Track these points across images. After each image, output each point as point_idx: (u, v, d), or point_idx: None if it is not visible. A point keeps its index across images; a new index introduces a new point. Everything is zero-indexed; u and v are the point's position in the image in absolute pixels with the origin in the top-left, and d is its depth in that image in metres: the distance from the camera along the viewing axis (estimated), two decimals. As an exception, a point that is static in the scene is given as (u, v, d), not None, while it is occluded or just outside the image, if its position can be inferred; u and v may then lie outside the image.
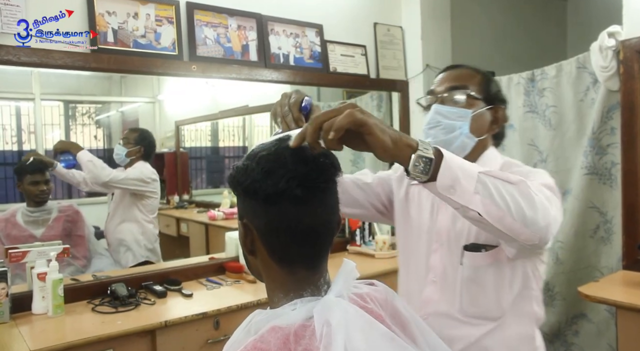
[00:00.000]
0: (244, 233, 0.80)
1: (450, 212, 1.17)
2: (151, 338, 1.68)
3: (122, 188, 2.67)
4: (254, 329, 0.77)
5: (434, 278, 1.20)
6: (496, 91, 1.22)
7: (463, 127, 1.16)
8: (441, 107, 1.19)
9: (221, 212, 3.41)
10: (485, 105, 1.18)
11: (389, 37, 2.89)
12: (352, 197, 1.34)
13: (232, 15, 2.31)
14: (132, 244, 2.72)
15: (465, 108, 1.17)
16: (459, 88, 1.18)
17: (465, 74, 1.22)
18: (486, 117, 1.19)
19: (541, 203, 0.89)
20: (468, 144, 1.17)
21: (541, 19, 3.93)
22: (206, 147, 4.69)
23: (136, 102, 4.33)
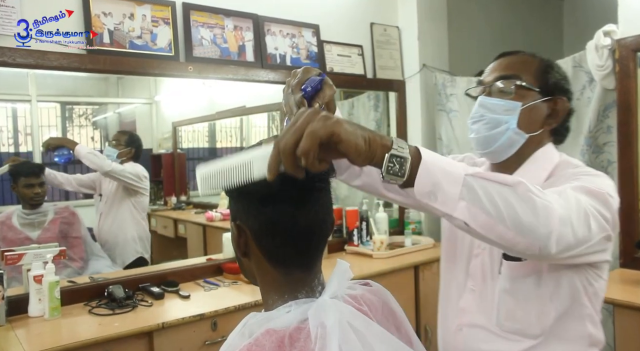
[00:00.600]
0: (237, 234, 0.79)
1: None
2: (148, 340, 1.67)
3: (121, 180, 2.70)
4: (249, 332, 0.76)
5: (472, 286, 1.10)
6: (557, 80, 1.08)
7: (510, 122, 1.04)
8: (487, 99, 1.08)
9: (219, 213, 3.40)
10: (541, 97, 1.06)
11: (385, 37, 2.89)
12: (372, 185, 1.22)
13: (229, 16, 2.30)
14: (128, 242, 2.76)
15: (515, 101, 1.05)
16: (508, 78, 1.06)
17: (518, 61, 1.10)
18: (541, 110, 1.06)
19: (544, 207, 0.75)
20: (516, 141, 1.06)
21: (538, 18, 3.94)
22: (204, 148, 4.68)
23: (133, 103, 4.31)
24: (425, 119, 2.94)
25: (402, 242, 2.69)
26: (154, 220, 3.89)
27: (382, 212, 2.76)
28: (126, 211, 2.77)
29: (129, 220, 2.78)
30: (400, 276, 2.36)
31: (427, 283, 2.46)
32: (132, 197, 2.77)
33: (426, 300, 2.45)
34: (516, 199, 0.74)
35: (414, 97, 2.93)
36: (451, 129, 2.83)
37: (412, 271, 2.43)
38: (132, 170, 2.75)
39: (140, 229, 2.83)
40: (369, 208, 2.79)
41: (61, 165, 2.85)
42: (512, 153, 1.06)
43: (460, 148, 2.75)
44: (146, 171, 2.84)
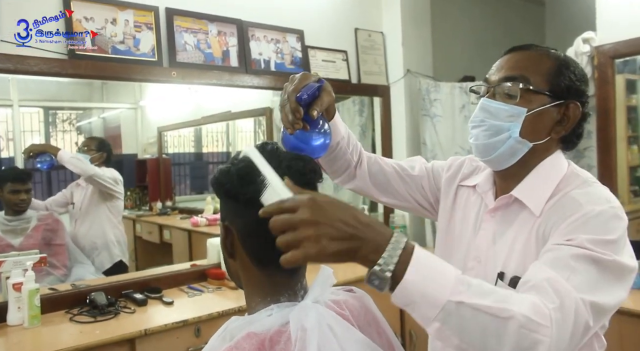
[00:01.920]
0: (224, 235, 0.80)
1: (493, 225, 1.00)
2: (130, 347, 1.66)
3: (102, 184, 2.72)
4: (230, 336, 0.77)
5: None
6: (571, 82, 0.95)
7: (512, 130, 0.94)
8: (489, 102, 0.97)
9: (204, 218, 3.39)
10: (551, 101, 0.94)
11: (370, 43, 2.91)
12: (393, 187, 1.20)
13: (212, 21, 2.30)
14: (108, 246, 2.79)
15: (519, 106, 0.94)
16: (514, 80, 0.95)
17: (528, 59, 0.97)
18: (550, 116, 0.95)
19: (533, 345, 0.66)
20: (518, 150, 0.96)
21: (520, 24, 3.99)
22: (189, 153, 4.67)
23: (118, 108, 4.29)
24: (409, 124, 2.96)
25: (387, 246, 2.69)
26: (139, 225, 3.87)
27: (367, 216, 2.77)
28: (103, 216, 2.79)
29: (106, 224, 2.80)
30: (385, 280, 2.36)
31: (411, 288, 2.46)
32: (107, 202, 2.79)
33: (411, 304, 2.46)
34: (500, 336, 0.66)
35: (399, 102, 2.95)
36: (435, 134, 2.85)
37: (397, 275, 2.43)
38: (110, 175, 2.77)
39: (117, 233, 2.85)
40: (354, 213, 2.79)
41: (44, 172, 2.83)
42: (514, 163, 0.97)
43: (444, 153, 2.77)
44: (120, 175, 2.88)
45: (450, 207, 1.12)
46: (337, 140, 1.08)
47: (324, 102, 0.91)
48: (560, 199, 0.91)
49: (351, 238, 0.64)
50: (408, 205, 1.22)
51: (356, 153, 1.17)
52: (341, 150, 1.12)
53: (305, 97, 0.86)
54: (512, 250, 0.94)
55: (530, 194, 0.96)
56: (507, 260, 0.94)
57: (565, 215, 0.86)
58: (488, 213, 1.01)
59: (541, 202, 0.93)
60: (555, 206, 0.91)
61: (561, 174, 0.96)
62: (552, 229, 0.87)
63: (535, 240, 0.90)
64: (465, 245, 1.04)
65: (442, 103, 2.82)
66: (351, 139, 1.13)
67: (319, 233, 0.62)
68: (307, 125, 0.89)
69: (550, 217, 0.90)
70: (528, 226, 0.93)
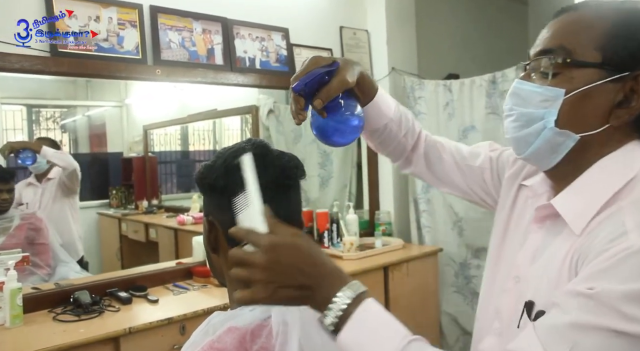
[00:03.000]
0: (208, 229, 0.81)
1: (539, 239, 0.79)
2: (115, 346, 1.65)
3: (78, 178, 2.80)
4: (212, 330, 0.78)
5: (498, 327, 0.82)
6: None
7: (547, 118, 0.73)
8: (521, 84, 0.77)
9: (190, 217, 3.38)
10: (606, 76, 0.70)
11: (355, 41, 2.93)
12: (450, 177, 1.05)
13: (197, 19, 2.30)
14: (74, 242, 2.86)
15: (556, 86, 0.72)
16: (550, 53, 0.74)
17: (574, 23, 0.74)
18: (605, 95, 0.71)
19: None
20: (561, 144, 0.74)
21: (504, 22, 4.03)
22: (176, 151, 4.64)
23: (103, 106, 4.26)
24: (394, 122, 2.97)
25: (372, 243, 2.72)
26: (124, 224, 3.85)
27: (353, 213, 2.79)
28: (67, 212, 2.85)
29: (70, 221, 2.87)
30: (370, 277, 2.39)
31: (396, 284, 2.49)
32: (69, 198, 2.85)
33: (396, 301, 2.49)
34: None
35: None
36: (420, 131, 2.87)
37: (382, 272, 2.46)
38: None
39: (79, 229, 2.94)
40: (340, 210, 2.81)
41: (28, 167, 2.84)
42: (559, 160, 0.75)
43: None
44: None
45: (509, 210, 0.91)
46: (383, 122, 0.98)
47: (331, 89, 0.83)
48: (611, 215, 0.67)
49: (302, 288, 0.64)
50: (470, 198, 1.06)
51: (412, 136, 1.05)
52: (390, 133, 1.01)
53: (303, 87, 0.80)
54: (544, 275, 0.72)
55: (573, 205, 0.73)
56: (539, 288, 0.73)
57: (602, 243, 0.63)
58: (534, 223, 0.81)
59: (585, 216, 0.70)
60: (603, 224, 0.67)
61: (628, 177, 0.70)
62: (586, 259, 0.65)
63: (569, 268, 0.68)
64: (510, 260, 0.84)
65: (427, 101, 2.84)
66: (404, 121, 1.02)
67: (269, 280, 0.63)
68: (322, 112, 0.85)
69: (592, 239, 0.66)
70: (566, 246, 0.70)
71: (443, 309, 2.82)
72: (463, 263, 2.77)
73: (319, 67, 0.82)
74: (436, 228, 2.83)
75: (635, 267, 0.58)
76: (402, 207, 2.99)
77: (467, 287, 2.76)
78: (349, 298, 0.64)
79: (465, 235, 2.73)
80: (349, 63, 0.87)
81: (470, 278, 2.74)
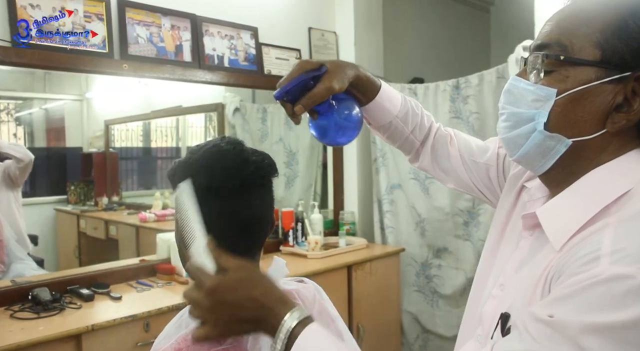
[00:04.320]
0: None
1: (528, 246, 0.74)
2: (76, 344, 1.62)
3: (26, 172, 2.74)
4: (185, 324, 0.80)
5: (480, 333, 0.77)
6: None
7: (537, 120, 0.67)
8: (516, 81, 0.71)
9: (153, 214, 3.33)
10: (605, 75, 0.64)
11: (323, 42, 2.96)
12: (456, 173, 1.01)
13: (166, 15, 2.28)
14: (24, 237, 2.78)
15: (548, 85, 0.67)
16: (546, 48, 0.68)
17: (575, 16, 0.67)
18: (602, 97, 0.64)
19: None
20: (552, 149, 0.68)
21: (467, 29, 4.16)
22: (137, 147, 4.56)
23: (62, 100, 4.14)
24: (360, 123, 3.02)
25: (337, 242, 2.76)
26: (83, 221, 3.75)
27: (317, 213, 2.82)
28: (13, 206, 2.79)
29: (17, 215, 2.79)
30: (334, 275, 2.42)
31: (359, 283, 2.54)
32: (14, 192, 2.78)
33: (358, 299, 2.53)
34: None
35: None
36: (385, 133, 2.93)
37: (346, 271, 2.50)
38: None
39: (24, 224, 2.86)
40: (305, 209, 2.84)
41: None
42: (550, 165, 0.70)
43: (394, 152, 2.86)
44: None
45: (508, 211, 0.85)
46: (387, 120, 0.97)
47: (315, 95, 0.83)
48: (594, 232, 0.61)
49: (249, 321, 0.67)
50: (475, 194, 1.03)
51: (421, 131, 1.02)
52: (396, 130, 1.00)
53: (284, 94, 0.82)
54: (522, 288, 0.67)
55: (556, 218, 0.67)
56: (515, 300, 0.68)
57: (575, 265, 0.58)
58: (525, 230, 0.75)
59: (566, 232, 0.64)
60: (584, 242, 0.61)
61: (621, 190, 0.63)
62: (558, 279, 0.60)
63: (543, 285, 0.63)
64: (502, 264, 0.79)
65: (392, 104, 2.90)
66: (411, 117, 0.99)
67: (217, 319, 0.67)
68: (313, 113, 0.88)
69: (570, 257, 0.60)
70: (547, 261, 0.65)
71: (404, 308, 2.89)
72: (424, 263, 2.84)
73: (305, 72, 0.82)
74: (399, 228, 2.90)
75: (598, 298, 0.52)
76: (366, 207, 3.05)
77: (428, 286, 2.84)
78: (294, 321, 0.66)
79: (427, 236, 2.81)
80: (339, 67, 0.86)
81: (431, 277, 2.82)
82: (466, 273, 2.66)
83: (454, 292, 2.71)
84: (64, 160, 4.26)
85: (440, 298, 2.78)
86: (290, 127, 3.28)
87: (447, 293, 2.74)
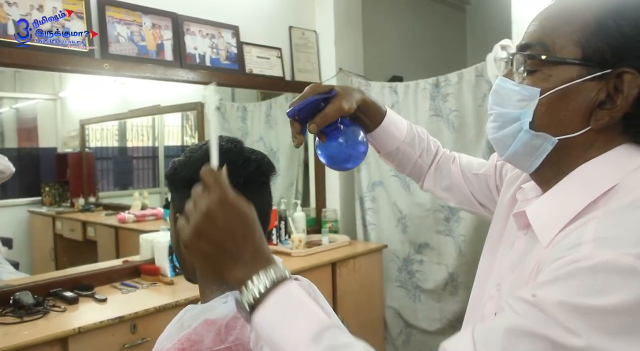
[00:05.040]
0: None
1: (523, 246, 0.74)
2: (63, 347, 1.60)
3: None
4: (187, 324, 0.80)
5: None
6: (626, 38, 0.63)
7: (523, 119, 0.69)
8: (503, 81, 0.72)
9: (132, 215, 3.30)
10: (587, 73, 0.64)
11: (304, 41, 2.97)
12: (458, 188, 1.02)
13: (147, 14, 2.25)
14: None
15: (532, 85, 0.68)
16: (530, 49, 0.69)
17: (557, 15, 0.68)
18: (585, 95, 0.65)
19: None
20: (539, 147, 0.69)
21: (444, 28, 4.22)
22: (114, 147, 4.50)
23: (34, 99, 4.05)
24: (341, 122, 3.05)
25: (320, 240, 2.78)
26: (59, 223, 3.69)
27: (300, 211, 2.83)
28: None
29: None
30: (318, 273, 2.44)
31: (343, 280, 2.57)
32: None
33: (343, 296, 2.56)
34: None
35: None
36: (366, 132, 2.96)
37: (330, 268, 2.52)
38: None
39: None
40: (287, 208, 2.85)
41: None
42: (539, 164, 0.71)
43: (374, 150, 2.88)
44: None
45: (506, 212, 0.85)
46: (395, 145, 1.00)
47: (327, 116, 0.85)
48: (580, 227, 0.61)
49: (225, 252, 0.62)
50: (477, 211, 1.03)
51: (429, 155, 1.04)
52: (404, 156, 1.02)
53: (297, 113, 0.85)
54: (515, 287, 0.68)
55: (545, 215, 0.69)
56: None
57: (561, 253, 0.58)
58: (519, 230, 0.76)
59: (553, 228, 0.65)
60: (569, 236, 0.61)
61: (608, 185, 0.63)
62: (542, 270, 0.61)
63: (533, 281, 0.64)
64: (499, 266, 0.80)
65: (373, 102, 2.93)
66: (418, 142, 1.01)
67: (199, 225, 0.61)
68: (322, 137, 0.89)
69: (555, 251, 0.61)
70: (537, 259, 0.66)
71: (387, 303, 2.93)
72: (406, 259, 2.88)
73: (316, 95, 0.86)
74: (381, 225, 2.93)
75: (582, 281, 0.53)
76: (349, 205, 3.07)
77: (410, 282, 2.88)
78: (270, 280, 0.61)
79: (409, 232, 2.85)
80: (347, 91, 0.89)
81: (414, 273, 2.87)
82: (448, 268, 2.70)
83: (436, 287, 2.76)
84: (37, 161, 4.17)
85: (423, 293, 2.83)
86: (271, 126, 3.28)
87: (430, 288, 2.79)
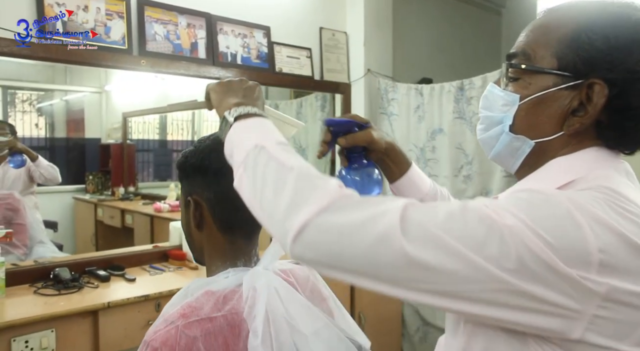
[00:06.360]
0: (193, 208, 0.91)
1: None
2: (93, 319, 1.76)
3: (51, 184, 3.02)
4: (190, 293, 0.91)
5: (447, 332, 0.81)
6: (597, 51, 0.68)
7: (505, 122, 0.76)
8: (492, 87, 0.80)
9: (167, 204, 3.46)
10: (563, 82, 0.70)
11: (333, 42, 3.05)
12: None
13: (182, 14, 2.40)
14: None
15: (514, 92, 0.75)
16: (514, 58, 0.76)
17: (540, 26, 0.75)
18: (559, 102, 0.71)
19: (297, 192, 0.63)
20: (518, 149, 0.76)
21: (477, 31, 4.20)
22: (154, 139, 4.69)
23: (82, 92, 4.28)
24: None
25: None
26: (100, 209, 3.91)
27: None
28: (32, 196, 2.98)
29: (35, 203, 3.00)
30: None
31: (362, 274, 2.63)
32: (33, 185, 2.97)
33: (361, 292, 2.62)
34: (277, 178, 0.66)
35: (359, 100, 3.10)
36: (391, 131, 3.03)
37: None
38: None
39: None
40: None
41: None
42: (519, 165, 0.77)
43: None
44: None
45: None
46: (418, 197, 1.00)
47: (357, 137, 0.91)
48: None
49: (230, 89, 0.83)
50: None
51: None
52: None
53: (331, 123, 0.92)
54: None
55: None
56: None
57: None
58: None
59: None
60: None
61: (566, 179, 0.69)
62: None
63: None
64: None
65: (399, 103, 2.99)
66: (441, 198, 1.04)
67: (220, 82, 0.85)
68: (344, 160, 0.95)
69: None
70: None
71: (405, 300, 2.97)
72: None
73: (354, 119, 0.93)
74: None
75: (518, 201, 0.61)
76: (372, 202, 3.13)
77: (429, 280, 2.92)
78: (254, 110, 0.78)
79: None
80: (379, 130, 0.96)
81: (432, 271, 2.90)
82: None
83: (454, 286, 2.79)
84: (83, 150, 4.41)
85: (441, 292, 2.86)
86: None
87: (447, 287, 2.82)
